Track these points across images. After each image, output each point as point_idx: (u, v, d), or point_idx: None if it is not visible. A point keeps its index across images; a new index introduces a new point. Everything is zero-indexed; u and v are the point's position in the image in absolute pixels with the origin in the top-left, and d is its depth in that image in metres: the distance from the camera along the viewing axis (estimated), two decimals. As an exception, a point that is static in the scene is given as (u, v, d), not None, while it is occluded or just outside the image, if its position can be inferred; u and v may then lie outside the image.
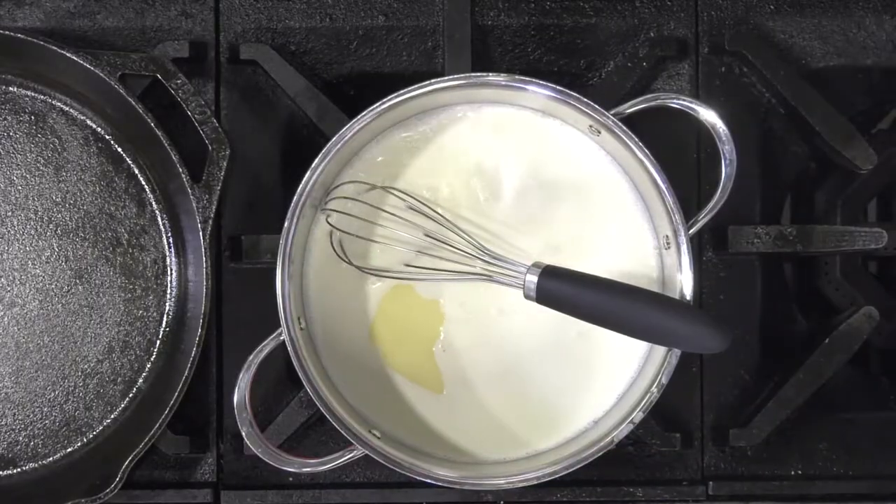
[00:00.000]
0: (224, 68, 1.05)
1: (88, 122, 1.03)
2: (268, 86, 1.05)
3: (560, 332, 0.99)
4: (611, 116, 0.95)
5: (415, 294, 1.00)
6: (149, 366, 1.03)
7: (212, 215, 0.98)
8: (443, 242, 0.98)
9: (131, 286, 1.03)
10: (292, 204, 0.95)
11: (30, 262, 1.03)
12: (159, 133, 0.98)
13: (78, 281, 1.03)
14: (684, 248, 0.95)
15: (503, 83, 0.96)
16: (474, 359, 1.00)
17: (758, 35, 1.04)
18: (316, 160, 0.95)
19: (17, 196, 1.03)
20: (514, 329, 0.99)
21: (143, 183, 1.03)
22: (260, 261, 1.01)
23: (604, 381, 0.99)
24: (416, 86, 0.95)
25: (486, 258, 0.97)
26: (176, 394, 0.97)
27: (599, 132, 0.97)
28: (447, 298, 0.99)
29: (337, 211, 0.98)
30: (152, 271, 1.03)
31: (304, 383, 0.95)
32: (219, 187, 0.99)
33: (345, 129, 0.95)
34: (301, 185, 0.95)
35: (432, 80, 0.96)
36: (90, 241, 1.03)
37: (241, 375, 0.96)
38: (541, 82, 0.95)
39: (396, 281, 0.99)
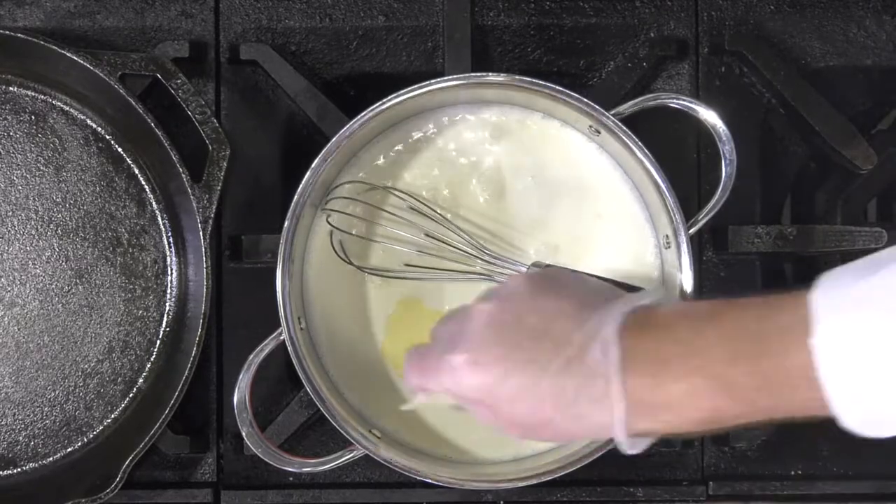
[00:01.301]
0: (224, 68, 1.05)
1: (88, 122, 1.03)
2: (268, 86, 1.05)
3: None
4: (611, 116, 0.95)
5: (421, 308, 0.99)
6: (149, 366, 1.03)
7: (212, 215, 0.98)
8: (443, 242, 0.98)
9: (131, 286, 1.03)
10: (292, 204, 0.95)
11: (30, 262, 1.03)
12: (159, 133, 0.98)
13: (78, 281, 1.03)
14: (684, 247, 0.95)
15: (503, 83, 0.96)
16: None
17: (758, 35, 1.04)
18: (316, 160, 0.95)
19: (17, 196, 1.03)
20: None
21: (143, 183, 1.03)
22: (260, 261, 1.01)
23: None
24: (416, 86, 0.95)
25: (487, 258, 0.97)
26: (176, 394, 0.97)
27: (599, 132, 0.97)
28: (451, 304, 0.99)
29: (337, 211, 0.98)
30: (152, 271, 1.03)
31: (304, 383, 0.95)
32: (219, 187, 0.99)
33: (345, 129, 0.95)
34: (301, 185, 0.95)
35: (432, 80, 0.96)
36: (90, 241, 1.03)
37: (241, 375, 0.96)
38: (540, 82, 0.95)
39: (401, 298, 0.99)
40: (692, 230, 0.96)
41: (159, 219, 1.03)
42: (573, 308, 0.77)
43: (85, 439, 1.02)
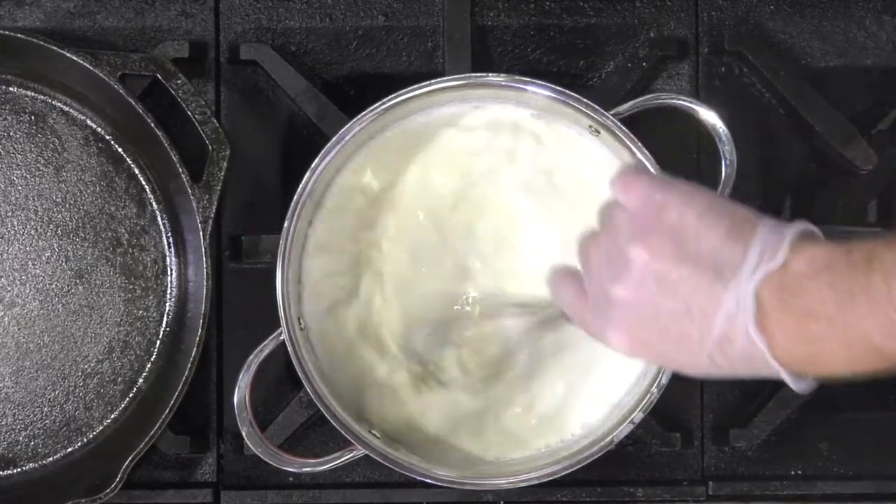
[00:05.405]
0: (224, 68, 1.05)
1: (88, 122, 1.03)
2: (268, 86, 1.05)
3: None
4: (611, 116, 0.95)
5: None
6: (149, 366, 1.03)
7: (212, 215, 0.98)
8: (442, 242, 0.98)
9: (131, 286, 1.03)
10: (292, 204, 0.95)
11: (30, 262, 1.03)
12: (159, 133, 0.98)
13: (78, 281, 1.03)
14: (684, 248, 0.95)
15: (503, 83, 0.96)
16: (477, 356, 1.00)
17: (758, 35, 1.04)
18: (316, 160, 0.95)
19: (17, 196, 1.03)
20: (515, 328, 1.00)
21: (143, 183, 1.03)
22: (260, 261, 1.01)
23: (604, 382, 0.99)
24: (416, 86, 0.95)
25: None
26: (176, 394, 0.97)
27: (599, 132, 0.97)
28: None
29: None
30: (152, 271, 1.03)
31: (304, 383, 0.95)
32: (219, 187, 0.99)
33: (345, 129, 0.95)
34: (301, 185, 0.95)
35: (432, 80, 0.96)
36: (90, 241, 1.03)
37: (241, 375, 0.95)
38: (540, 82, 0.96)
39: None
40: (692, 230, 0.96)
41: (159, 219, 1.03)
42: (704, 279, 0.73)
43: (85, 439, 1.02)
